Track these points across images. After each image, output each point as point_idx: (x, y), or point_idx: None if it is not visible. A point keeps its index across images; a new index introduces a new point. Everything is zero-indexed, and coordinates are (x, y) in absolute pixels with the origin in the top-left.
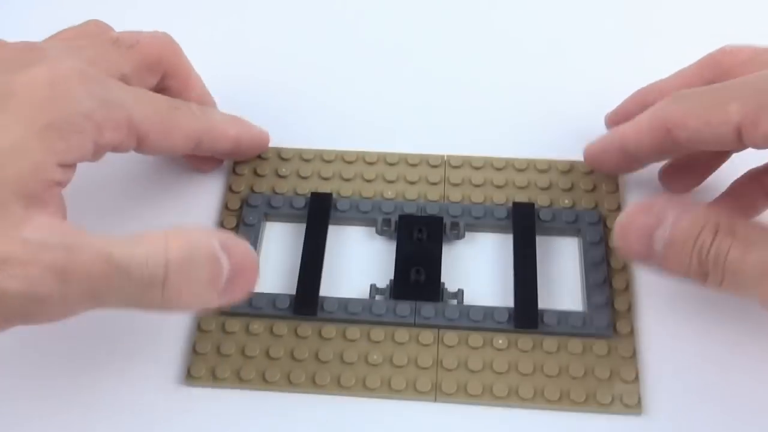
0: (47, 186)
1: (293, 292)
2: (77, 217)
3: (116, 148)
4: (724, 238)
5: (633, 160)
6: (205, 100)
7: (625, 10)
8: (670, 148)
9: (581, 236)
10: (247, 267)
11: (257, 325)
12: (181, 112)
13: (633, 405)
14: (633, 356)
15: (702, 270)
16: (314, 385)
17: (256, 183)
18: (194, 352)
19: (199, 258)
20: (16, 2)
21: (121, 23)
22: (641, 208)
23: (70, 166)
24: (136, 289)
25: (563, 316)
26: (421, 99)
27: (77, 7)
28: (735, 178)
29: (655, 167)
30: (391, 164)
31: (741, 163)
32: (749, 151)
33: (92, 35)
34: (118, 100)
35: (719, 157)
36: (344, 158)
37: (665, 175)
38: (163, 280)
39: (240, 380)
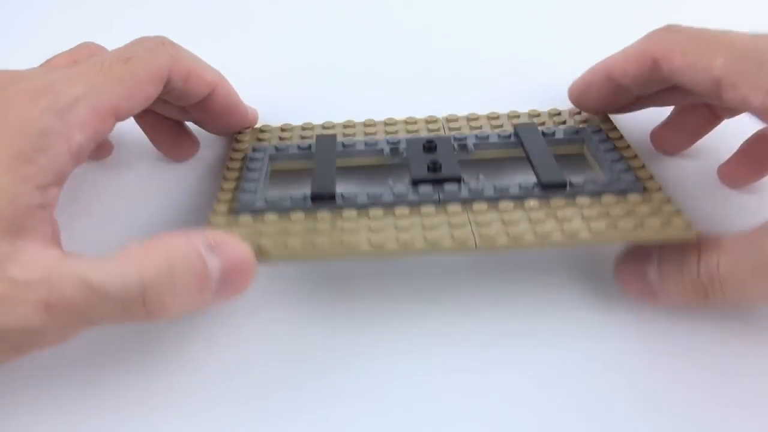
0: (28, 213)
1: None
2: (85, 199)
3: (97, 139)
4: (709, 254)
5: (619, 90)
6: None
7: None
8: (655, 79)
9: (587, 144)
10: (240, 262)
11: (272, 217)
12: (135, 59)
13: (686, 227)
14: (669, 201)
15: (700, 290)
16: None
17: (259, 146)
18: None
19: (180, 266)
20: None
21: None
22: (631, 252)
23: (52, 185)
24: (118, 308)
25: (589, 178)
26: (410, 69)
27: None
28: (728, 144)
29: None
30: (390, 126)
31: (738, 131)
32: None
33: (82, 59)
34: (72, 100)
35: (709, 120)
36: (344, 126)
37: (656, 136)
38: (141, 296)
39: (262, 254)
